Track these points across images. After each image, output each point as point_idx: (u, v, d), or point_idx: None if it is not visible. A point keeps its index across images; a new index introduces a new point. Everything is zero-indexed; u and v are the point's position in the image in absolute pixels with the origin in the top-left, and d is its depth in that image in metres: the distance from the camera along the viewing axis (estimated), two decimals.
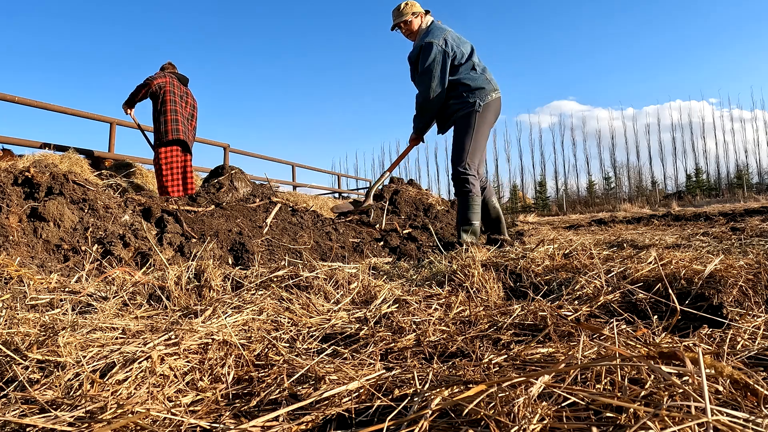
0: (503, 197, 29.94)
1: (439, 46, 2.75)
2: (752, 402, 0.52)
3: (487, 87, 2.82)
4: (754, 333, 0.83)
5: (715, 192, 24.98)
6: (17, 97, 5.04)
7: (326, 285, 1.24)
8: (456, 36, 2.86)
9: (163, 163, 4.33)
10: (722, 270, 1.10)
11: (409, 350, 0.86)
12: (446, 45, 2.77)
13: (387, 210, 4.28)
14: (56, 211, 1.79)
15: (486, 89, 2.81)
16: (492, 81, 2.86)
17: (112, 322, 0.96)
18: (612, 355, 0.64)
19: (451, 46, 2.78)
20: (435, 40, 2.75)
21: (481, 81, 2.81)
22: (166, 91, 4.31)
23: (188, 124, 4.52)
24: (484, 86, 2.81)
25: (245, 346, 0.86)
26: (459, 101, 2.83)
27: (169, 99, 4.31)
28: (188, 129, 4.50)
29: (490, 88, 2.83)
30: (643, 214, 7.94)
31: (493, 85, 2.85)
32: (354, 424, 0.59)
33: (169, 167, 4.32)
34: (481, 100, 2.78)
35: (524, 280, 1.31)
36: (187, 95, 4.55)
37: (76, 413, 0.63)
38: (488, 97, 2.80)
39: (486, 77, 2.84)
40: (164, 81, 4.32)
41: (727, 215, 5.49)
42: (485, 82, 2.82)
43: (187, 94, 4.56)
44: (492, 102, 2.82)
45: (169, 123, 4.28)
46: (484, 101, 2.79)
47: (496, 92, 2.86)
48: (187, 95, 4.55)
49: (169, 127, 4.27)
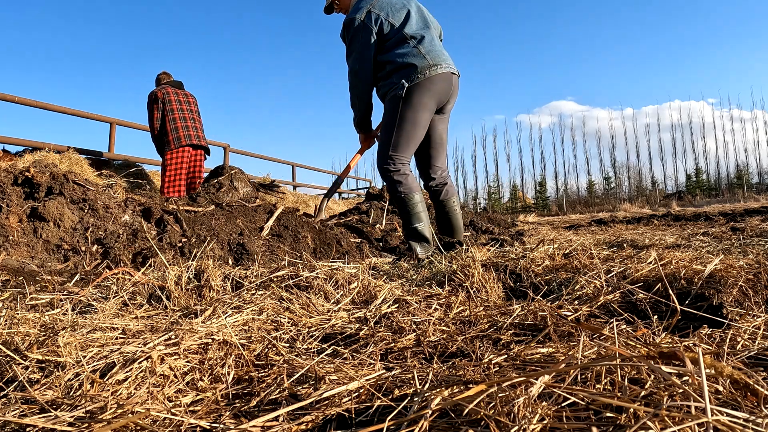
0: (503, 197, 29.93)
1: (360, 20, 2.31)
2: (752, 402, 0.52)
3: (420, 63, 2.28)
4: (754, 333, 0.83)
5: (715, 192, 24.98)
6: (17, 97, 5.04)
7: (326, 285, 1.24)
8: (388, 3, 2.36)
9: (167, 165, 4.47)
10: (722, 270, 1.10)
11: (409, 350, 0.86)
12: (369, 18, 2.31)
13: (387, 210, 4.28)
14: (56, 211, 1.79)
15: (418, 66, 2.27)
16: (429, 54, 2.30)
17: (112, 322, 0.96)
18: (612, 355, 0.64)
19: (377, 18, 2.31)
20: (356, 15, 2.33)
21: (410, 57, 2.29)
22: (167, 101, 4.49)
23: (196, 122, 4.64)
24: (415, 63, 2.28)
25: (245, 346, 0.86)
26: (386, 82, 2.37)
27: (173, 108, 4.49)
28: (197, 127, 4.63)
29: (424, 64, 2.28)
30: (643, 214, 7.94)
31: (429, 60, 2.29)
32: (354, 424, 0.59)
33: (171, 169, 4.46)
34: (409, 80, 2.27)
35: (524, 280, 1.31)
36: (187, 96, 4.68)
37: (76, 413, 0.63)
38: (419, 76, 2.27)
39: (419, 50, 2.29)
40: (165, 91, 4.51)
41: (727, 215, 5.49)
42: (416, 57, 2.28)
43: (187, 95, 4.69)
44: (427, 81, 2.28)
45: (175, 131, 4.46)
46: (412, 81, 2.27)
47: (436, 68, 2.29)
48: (187, 96, 4.68)
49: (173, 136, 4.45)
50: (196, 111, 4.70)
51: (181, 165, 4.47)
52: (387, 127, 2.37)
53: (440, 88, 2.36)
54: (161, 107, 4.51)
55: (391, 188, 2.37)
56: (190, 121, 4.54)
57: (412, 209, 2.34)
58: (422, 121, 2.35)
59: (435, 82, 2.32)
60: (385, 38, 2.34)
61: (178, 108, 4.52)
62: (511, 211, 23.92)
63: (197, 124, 4.64)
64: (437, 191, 2.56)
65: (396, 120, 2.32)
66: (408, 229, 2.37)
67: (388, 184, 2.38)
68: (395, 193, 2.36)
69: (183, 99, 4.60)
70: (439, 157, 2.58)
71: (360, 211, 4.59)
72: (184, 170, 4.49)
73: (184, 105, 4.58)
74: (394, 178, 2.33)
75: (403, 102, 2.30)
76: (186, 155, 4.50)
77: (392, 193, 2.38)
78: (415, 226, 2.34)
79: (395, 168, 2.33)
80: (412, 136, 2.34)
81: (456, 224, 2.58)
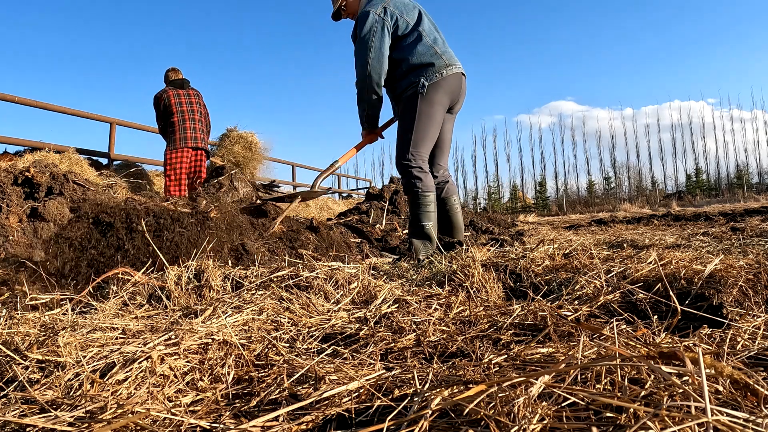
0: (503, 197, 29.93)
1: (376, 14, 2.34)
2: (752, 402, 0.52)
3: (437, 62, 2.35)
4: (754, 333, 0.83)
5: (715, 192, 24.99)
6: (17, 97, 5.04)
7: (326, 285, 1.24)
8: (401, 3, 2.43)
9: (167, 163, 4.55)
10: (722, 270, 1.10)
11: (409, 350, 0.86)
12: (385, 14, 2.35)
13: (387, 210, 4.28)
14: (56, 211, 1.79)
15: (436, 65, 2.35)
16: (444, 55, 2.38)
17: (112, 322, 0.96)
18: (612, 355, 0.64)
19: (392, 15, 2.36)
20: (372, 9, 2.36)
21: (428, 56, 2.35)
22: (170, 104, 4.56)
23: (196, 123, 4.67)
24: (433, 61, 2.35)
25: (245, 346, 0.86)
26: (404, 81, 2.41)
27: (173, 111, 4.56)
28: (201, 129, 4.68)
29: (441, 63, 2.36)
30: (643, 214, 7.94)
31: (445, 60, 2.37)
32: (354, 424, 0.59)
33: (172, 168, 4.53)
34: (427, 79, 2.34)
35: (524, 280, 1.31)
36: (190, 95, 4.70)
37: (76, 413, 0.63)
38: (437, 75, 2.34)
39: (435, 50, 2.37)
40: (166, 95, 4.59)
41: (727, 215, 5.49)
42: (434, 57, 2.35)
43: (189, 95, 4.70)
44: (443, 81, 2.36)
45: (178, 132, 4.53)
46: (430, 80, 2.34)
47: (451, 68, 2.38)
48: (190, 95, 4.70)
49: (177, 136, 4.53)
50: (198, 110, 4.71)
51: (181, 165, 4.53)
52: (406, 124, 2.41)
53: (454, 88, 2.42)
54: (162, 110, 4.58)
55: (409, 183, 2.40)
56: (189, 123, 4.58)
57: (425, 207, 2.37)
58: (438, 118, 2.41)
59: (450, 81, 2.38)
60: (401, 36, 2.37)
61: (179, 110, 4.57)
62: (511, 211, 23.92)
63: (199, 125, 4.67)
64: (438, 189, 2.58)
65: (416, 118, 2.36)
66: (416, 226, 2.38)
67: (407, 179, 2.41)
68: (412, 188, 2.39)
69: (185, 100, 4.63)
70: (442, 156, 2.61)
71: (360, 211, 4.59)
72: (184, 170, 4.54)
73: (185, 106, 4.61)
74: (414, 173, 2.37)
75: (422, 100, 2.35)
76: (186, 155, 4.55)
77: (409, 188, 2.41)
78: (424, 224, 2.36)
79: (416, 164, 2.38)
80: (430, 133, 2.40)
81: (456, 223, 2.59)
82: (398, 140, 2.46)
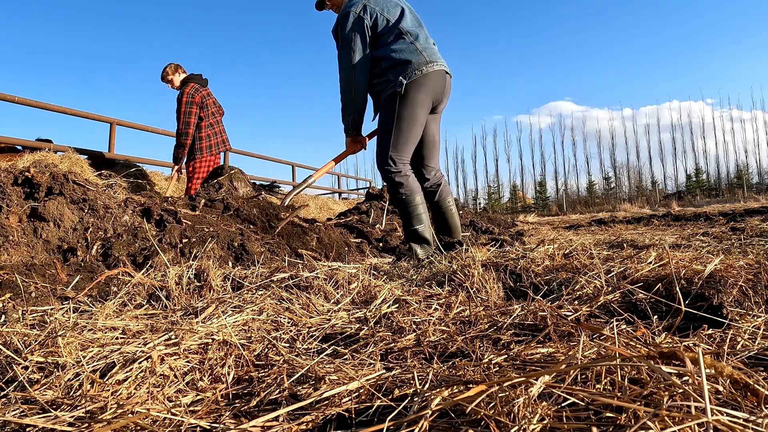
0: (503, 197, 29.93)
1: (356, 14, 2.29)
2: (752, 402, 0.52)
3: (416, 59, 2.25)
4: (754, 333, 0.83)
5: (715, 192, 25.00)
6: (17, 97, 5.03)
7: (326, 285, 1.24)
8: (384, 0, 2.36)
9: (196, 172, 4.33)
10: (722, 270, 1.10)
11: (409, 350, 0.86)
12: (365, 12, 2.29)
13: (387, 210, 4.28)
14: (56, 211, 1.79)
15: (413, 62, 2.24)
16: (425, 51, 2.28)
17: (112, 322, 0.96)
18: (612, 355, 0.64)
19: (372, 12, 2.30)
20: (352, 9, 2.30)
21: (407, 53, 2.26)
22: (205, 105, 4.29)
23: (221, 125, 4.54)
24: (411, 59, 2.25)
25: (245, 346, 0.86)
26: (381, 80, 2.31)
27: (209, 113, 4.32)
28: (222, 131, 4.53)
29: (421, 60, 2.26)
30: (643, 214, 7.94)
31: (425, 56, 2.27)
32: (354, 424, 0.59)
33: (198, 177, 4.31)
34: (405, 77, 2.23)
35: (524, 280, 1.31)
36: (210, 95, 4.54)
37: (76, 413, 0.63)
38: (416, 73, 2.24)
39: (416, 47, 2.27)
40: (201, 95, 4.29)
41: (727, 215, 5.49)
42: (413, 53, 2.26)
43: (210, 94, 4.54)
44: (424, 78, 2.25)
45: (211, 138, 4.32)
46: (409, 78, 2.23)
47: (432, 65, 2.27)
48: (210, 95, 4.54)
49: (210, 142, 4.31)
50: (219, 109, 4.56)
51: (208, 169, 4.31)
52: (385, 126, 2.31)
53: (436, 86, 2.32)
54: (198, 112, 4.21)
55: (392, 189, 2.33)
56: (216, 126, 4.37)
57: (413, 211, 2.30)
58: (420, 118, 2.31)
59: (431, 79, 2.28)
60: (380, 33, 2.30)
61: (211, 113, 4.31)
62: (511, 211, 23.93)
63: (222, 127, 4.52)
64: (432, 192, 2.53)
65: (394, 119, 2.27)
66: (408, 231, 2.34)
67: (390, 185, 2.33)
68: (396, 195, 2.32)
69: (211, 101, 4.40)
70: (432, 157, 2.53)
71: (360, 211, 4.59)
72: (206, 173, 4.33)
73: (212, 108, 4.38)
74: (395, 179, 2.28)
75: (400, 100, 2.26)
76: (217, 160, 4.38)
77: (393, 194, 2.34)
78: (416, 228, 2.30)
79: (396, 169, 2.29)
80: (411, 134, 2.30)
81: (453, 223, 2.54)
82: (378, 144, 2.35)
